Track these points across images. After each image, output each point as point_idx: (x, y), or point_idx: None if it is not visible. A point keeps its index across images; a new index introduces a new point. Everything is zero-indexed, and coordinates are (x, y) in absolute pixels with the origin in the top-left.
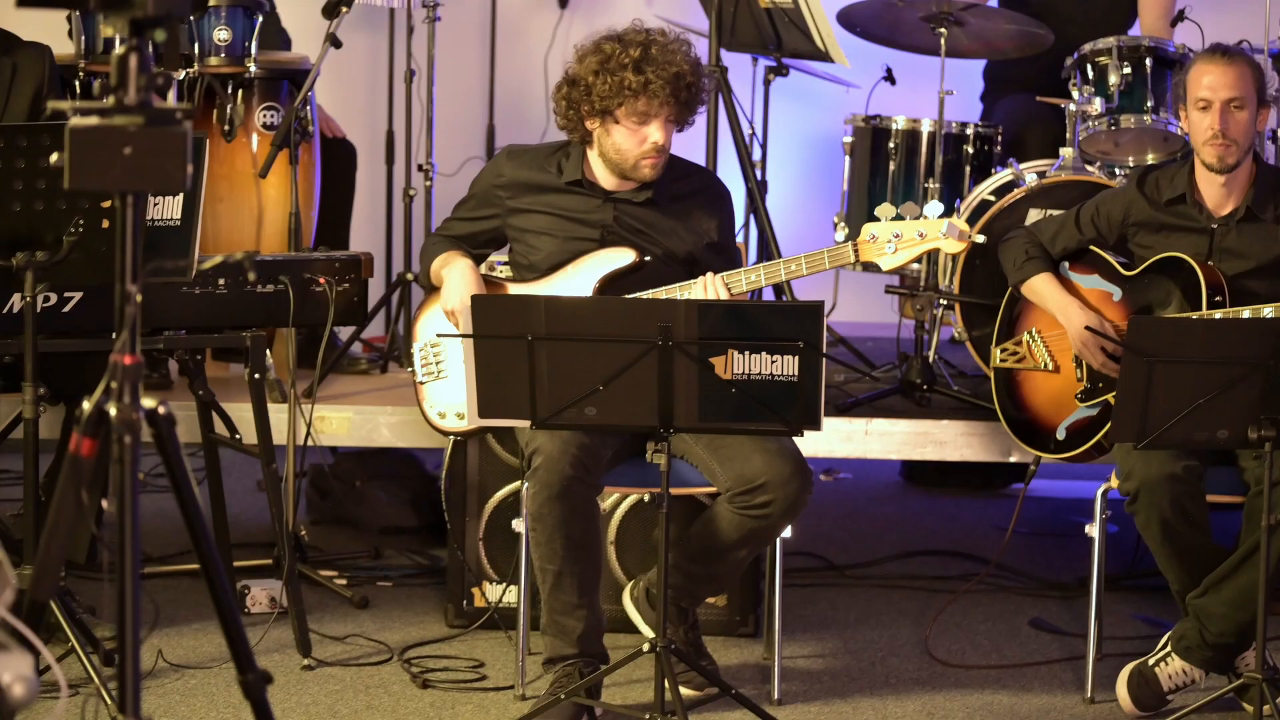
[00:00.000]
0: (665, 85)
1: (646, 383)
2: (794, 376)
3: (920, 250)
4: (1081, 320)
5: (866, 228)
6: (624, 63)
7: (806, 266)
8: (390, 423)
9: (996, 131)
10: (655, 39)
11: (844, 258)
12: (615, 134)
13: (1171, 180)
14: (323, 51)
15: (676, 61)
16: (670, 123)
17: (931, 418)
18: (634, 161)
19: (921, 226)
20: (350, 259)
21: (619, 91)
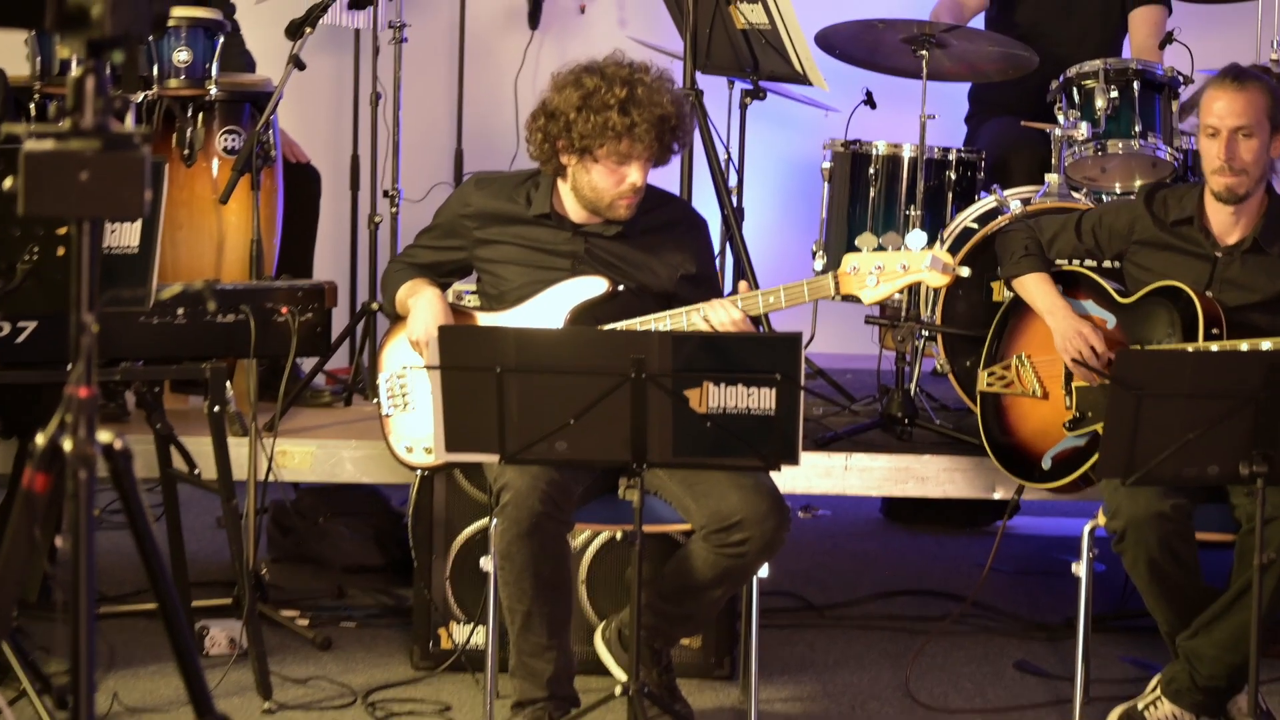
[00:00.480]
0: (651, 129)
1: (619, 416)
2: (771, 410)
3: (903, 283)
4: (1070, 321)
5: (847, 258)
6: (609, 102)
7: (785, 298)
8: (354, 457)
9: (980, 157)
10: (640, 78)
11: (824, 290)
12: (593, 173)
13: (1180, 201)
14: (286, 73)
15: (662, 103)
16: (649, 162)
17: (913, 453)
18: (609, 201)
19: (904, 258)
20: (314, 288)
21: (601, 132)
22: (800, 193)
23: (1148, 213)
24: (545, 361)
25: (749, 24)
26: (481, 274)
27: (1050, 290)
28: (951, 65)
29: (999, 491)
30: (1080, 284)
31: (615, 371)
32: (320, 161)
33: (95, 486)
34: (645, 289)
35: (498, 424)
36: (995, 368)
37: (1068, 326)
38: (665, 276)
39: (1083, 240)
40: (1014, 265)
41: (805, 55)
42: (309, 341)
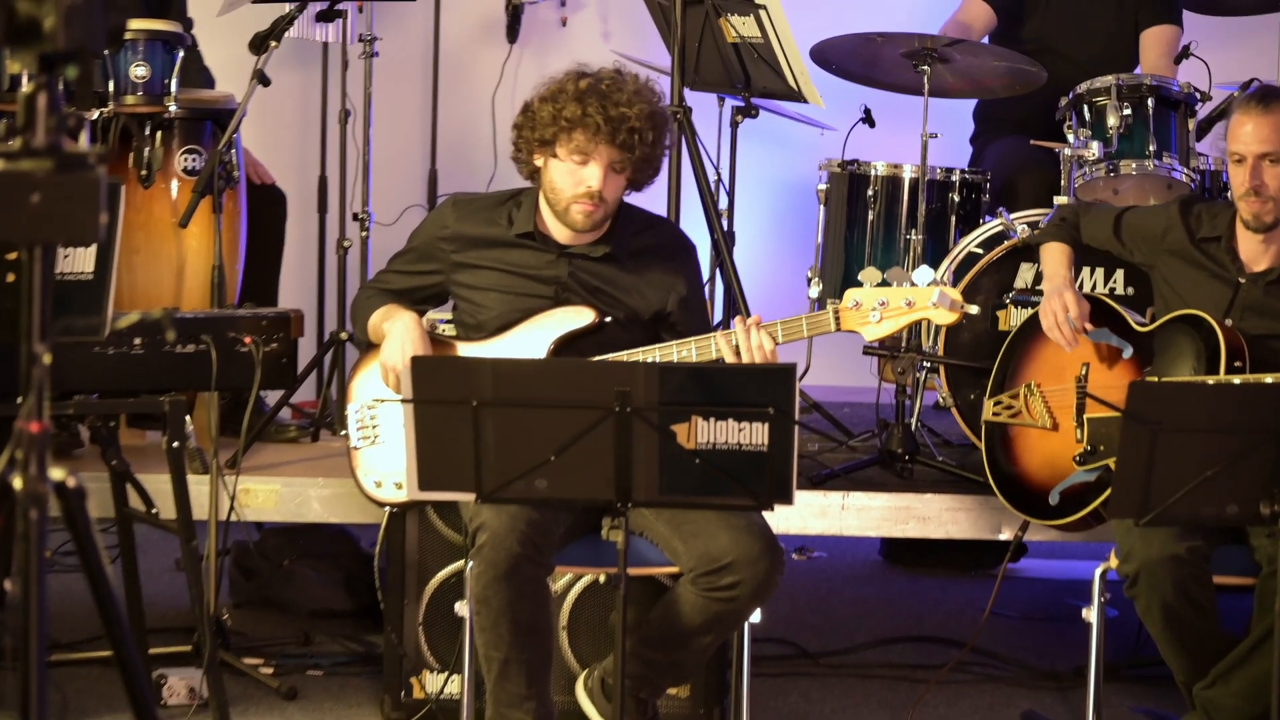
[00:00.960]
0: (605, 123)
1: (602, 452)
2: (763, 446)
3: (907, 321)
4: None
5: (849, 294)
6: (568, 90)
7: (783, 334)
8: (322, 496)
9: (985, 178)
10: (614, 77)
11: (823, 326)
12: (554, 170)
13: (1214, 219)
14: (250, 89)
15: (624, 102)
16: (614, 172)
17: (914, 491)
18: (566, 204)
19: (909, 294)
20: (279, 316)
21: (555, 120)
22: (794, 216)
23: (1182, 223)
24: (524, 394)
25: (740, 37)
26: (459, 301)
27: (1061, 262)
28: (955, 81)
29: (1005, 532)
30: (1095, 311)
31: (598, 405)
32: (286, 183)
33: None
34: (634, 316)
35: (473, 461)
36: (1002, 396)
37: (1054, 291)
38: (656, 301)
39: (1119, 236)
40: (1044, 231)
41: (800, 70)
42: (274, 373)
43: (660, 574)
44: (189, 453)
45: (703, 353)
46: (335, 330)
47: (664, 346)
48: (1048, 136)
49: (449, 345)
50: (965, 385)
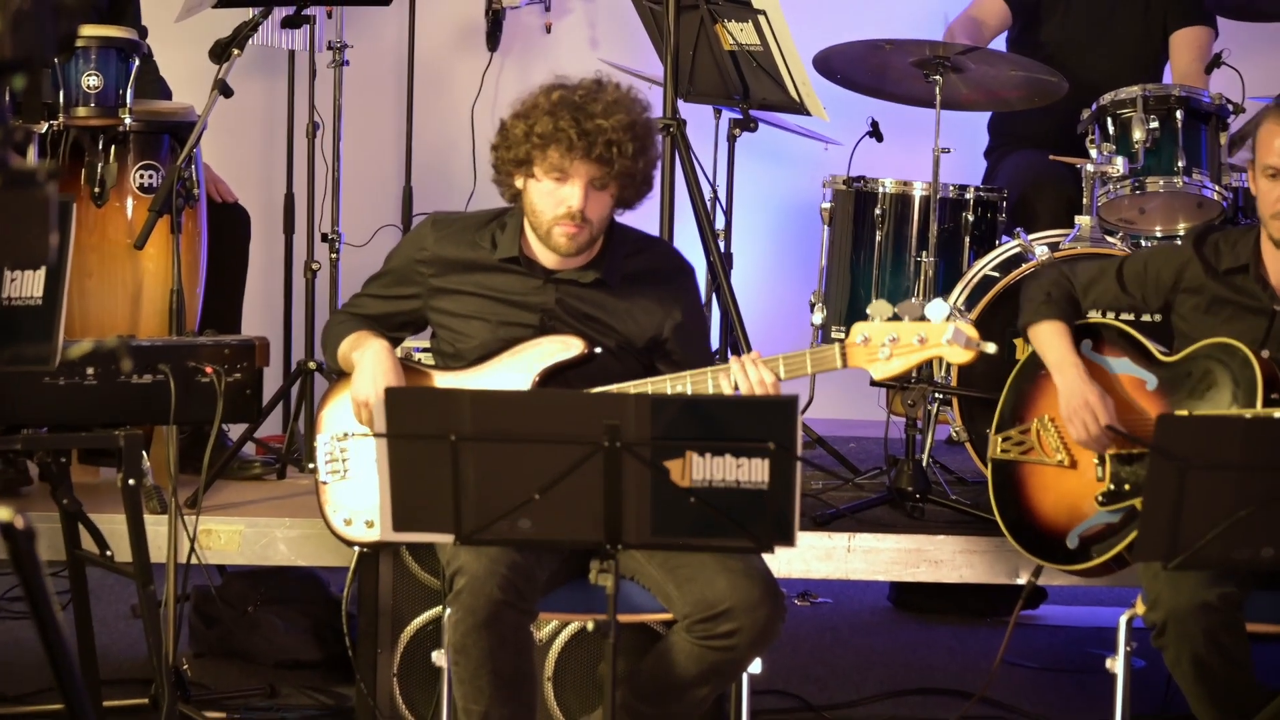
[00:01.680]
0: (580, 137)
1: (590, 491)
2: (763, 484)
3: (919, 359)
4: (1080, 384)
5: (857, 328)
6: (540, 105)
7: (785, 370)
8: (289, 537)
9: (1001, 196)
10: (590, 88)
11: (829, 363)
12: (533, 191)
13: (1234, 247)
14: (210, 101)
15: (599, 113)
16: (596, 189)
17: (925, 532)
18: (548, 227)
19: (921, 330)
20: (242, 345)
21: (528, 137)
22: (796, 237)
23: (1197, 259)
24: (506, 428)
25: (738, 45)
26: (437, 329)
27: (1064, 344)
28: (969, 92)
29: (1023, 576)
30: (1114, 339)
31: (586, 439)
32: (249, 201)
33: None
34: (627, 344)
35: (452, 499)
36: (1011, 431)
37: (1075, 393)
38: (652, 327)
39: (1127, 289)
40: (1032, 311)
41: (802, 80)
42: (237, 405)
43: (653, 621)
44: (146, 491)
45: (699, 389)
46: (303, 359)
47: (657, 381)
48: (1068, 151)
49: (426, 375)
50: (980, 418)
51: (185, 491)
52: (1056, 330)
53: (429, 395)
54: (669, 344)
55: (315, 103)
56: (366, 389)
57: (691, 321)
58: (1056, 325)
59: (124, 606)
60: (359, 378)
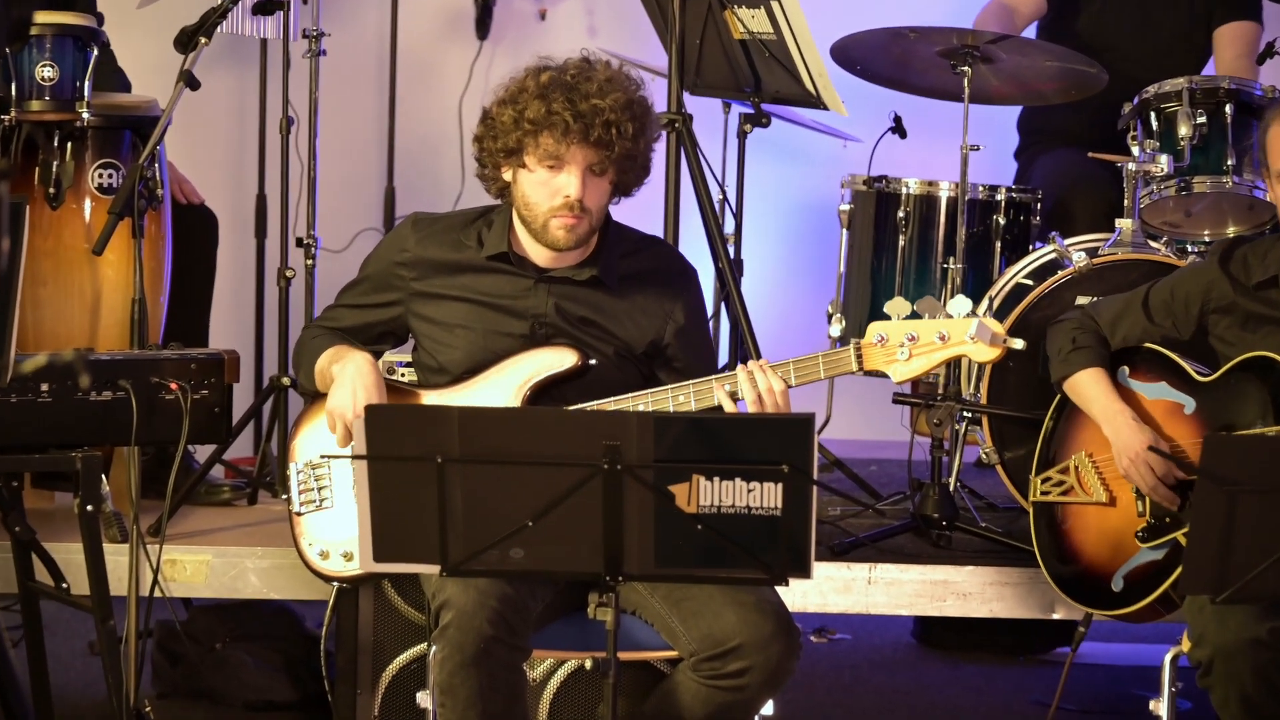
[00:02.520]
0: (574, 119)
1: (588, 517)
2: (777, 510)
3: (941, 358)
4: (1133, 435)
5: (874, 327)
6: (529, 88)
7: (795, 375)
8: (260, 568)
9: (1035, 197)
10: (581, 66)
11: (844, 365)
12: (525, 183)
13: (1264, 258)
14: (175, 94)
15: (594, 93)
16: (594, 175)
17: (953, 562)
18: (544, 220)
19: (943, 327)
20: (210, 359)
21: (517, 123)
22: (812, 241)
23: (1224, 275)
24: (496, 449)
25: (749, 33)
26: (419, 339)
27: (1105, 390)
28: (1000, 84)
29: (1059, 610)
30: (1149, 363)
31: (584, 461)
32: (217, 203)
33: None
34: (626, 350)
35: (437, 527)
36: (1050, 472)
37: (1129, 446)
38: (650, 329)
39: (1155, 319)
40: (1063, 363)
41: (819, 72)
42: (204, 425)
43: (656, 659)
44: (105, 517)
45: (702, 400)
46: (276, 375)
47: (657, 392)
48: (1108, 149)
49: (409, 393)
50: (1013, 439)
51: (148, 518)
52: (1094, 379)
53: (412, 413)
54: (671, 349)
55: (289, 96)
56: (345, 402)
57: (695, 325)
58: (1093, 374)
59: (81, 643)
60: (337, 392)
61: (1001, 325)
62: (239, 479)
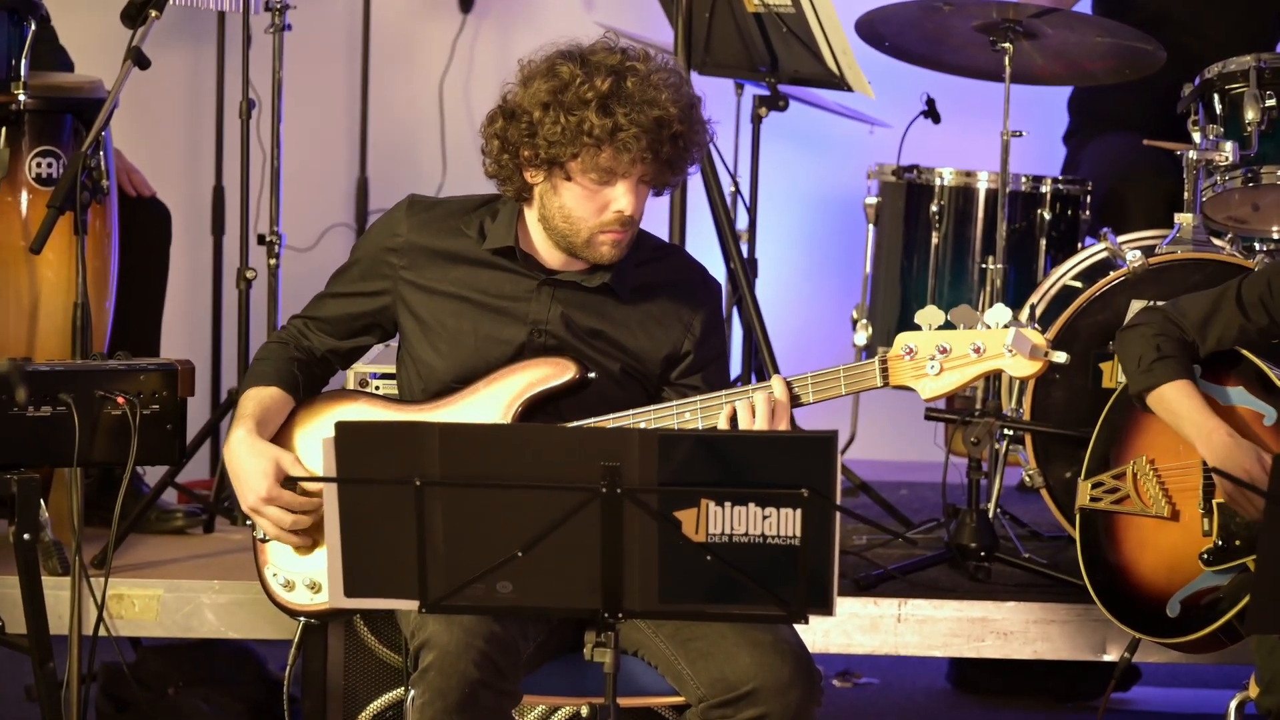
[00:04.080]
0: (641, 135)
1: (585, 547)
2: (795, 538)
3: (975, 373)
4: (1241, 455)
5: (901, 339)
6: (585, 97)
7: (814, 390)
8: (217, 604)
9: (1084, 189)
10: (633, 65)
11: (867, 379)
12: (566, 194)
13: None
14: (123, 73)
15: (660, 101)
16: (645, 185)
17: (992, 598)
18: (588, 236)
19: (978, 338)
20: (161, 370)
21: (574, 138)
22: (835, 239)
23: None
24: (483, 470)
25: (764, 5)
26: (403, 339)
27: (1198, 405)
28: (1045, 63)
29: (1111, 652)
30: (1226, 365)
31: (580, 484)
32: (170, 195)
33: None
34: (634, 368)
35: (416, 558)
36: (1104, 477)
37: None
38: (665, 342)
39: (1250, 316)
40: (1145, 374)
41: (843, 49)
42: (155, 443)
43: (660, 705)
44: (44, 547)
45: (710, 419)
46: (235, 388)
47: (660, 409)
48: (1166, 135)
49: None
50: (1059, 459)
51: (92, 548)
52: (1183, 392)
53: (387, 430)
54: (685, 367)
55: (251, 76)
56: (248, 494)
57: (713, 343)
58: (1181, 386)
59: (18, 687)
60: (236, 487)
61: (1043, 336)
62: (194, 504)
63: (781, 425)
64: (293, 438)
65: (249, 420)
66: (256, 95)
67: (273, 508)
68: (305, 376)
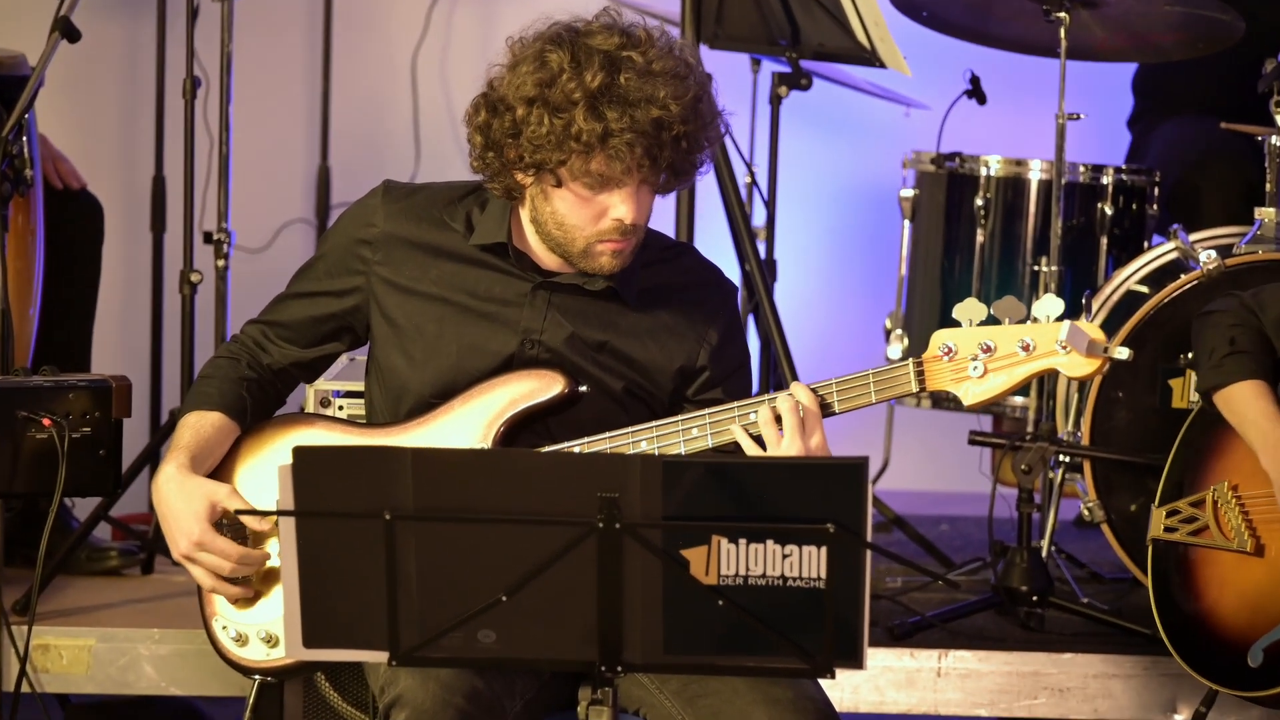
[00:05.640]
0: (636, 141)
1: (579, 590)
2: (820, 580)
3: (1025, 373)
4: None
5: (939, 336)
6: (573, 96)
7: (839, 399)
8: (158, 655)
9: (1152, 180)
10: (630, 56)
11: (901, 384)
12: (558, 201)
13: None
14: (49, 48)
15: (659, 99)
16: (648, 188)
17: (1046, 649)
18: (584, 245)
19: (1026, 333)
20: (94, 386)
21: (561, 142)
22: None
23: None
24: (462, 502)
25: None
26: (375, 344)
27: (1268, 411)
28: (1106, 35)
29: (1183, 710)
30: None
31: (573, 518)
32: (103, 187)
33: None
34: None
35: (385, 603)
36: (1180, 504)
37: None
38: (678, 353)
39: None
40: (1215, 369)
41: (874, 20)
42: (86, 471)
43: None
44: None
45: (722, 435)
46: (178, 408)
47: (663, 425)
48: (1245, 117)
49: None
50: (1122, 490)
51: (14, 592)
52: (1254, 394)
53: (353, 456)
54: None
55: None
56: (180, 543)
57: (732, 352)
58: (1253, 387)
59: None
60: (166, 532)
61: (1100, 331)
62: (130, 542)
63: (814, 441)
64: (234, 472)
65: (182, 453)
66: (203, 72)
67: (208, 554)
68: (256, 399)
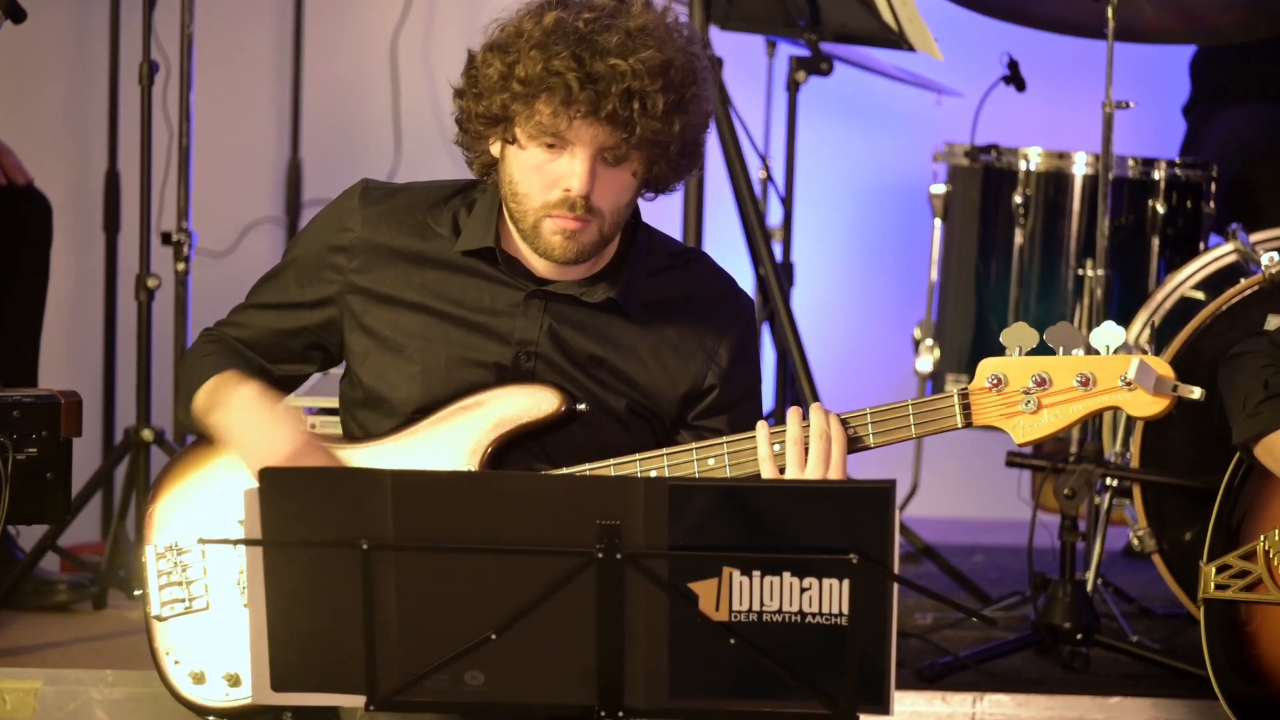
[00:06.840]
0: (581, 84)
1: (576, 627)
2: (842, 618)
3: (1084, 411)
4: None
5: (985, 366)
6: (527, 32)
7: (874, 434)
8: (110, 699)
9: (1209, 174)
10: (607, 8)
11: (944, 419)
12: (514, 164)
13: None
14: None
15: (613, 48)
16: (606, 164)
17: (1091, 691)
18: (534, 220)
19: (1087, 366)
20: (40, 403)
21: (505, 81)
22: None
23: None
24: (447, 530)
25: None
26: (352, 360)
27: None
28: (1158, 15)
29: None
30: None
31: (570, 548)
32: (50, 183)
33: None
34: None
35: (363, 641)
36: (1230, 558)
37: None
38: (681, 376)
39: None
40: (1251, 417)
41: None
42: (32, 496)
43: None
44: None
45: (741, 466)
46: (134, 426)
47: (676, 452)
48: None
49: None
50: (1176, 517)
51: None
52: None
53: (327, 479)
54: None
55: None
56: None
57: (743, 376)
58: None
59: None
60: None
61: (1170, 368)
62: (81, 574)
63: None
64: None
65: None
66: (161, 56)
67: None
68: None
